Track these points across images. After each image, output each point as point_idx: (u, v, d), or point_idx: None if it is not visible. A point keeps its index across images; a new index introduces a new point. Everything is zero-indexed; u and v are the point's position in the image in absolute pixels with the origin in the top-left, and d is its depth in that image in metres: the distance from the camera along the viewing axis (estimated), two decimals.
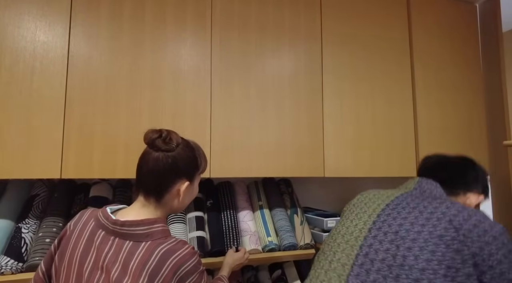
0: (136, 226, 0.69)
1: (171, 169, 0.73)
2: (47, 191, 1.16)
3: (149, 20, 1.12)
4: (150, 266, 0.64)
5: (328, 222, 1.26)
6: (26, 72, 0.97)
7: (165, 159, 0.73)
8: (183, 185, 0.75)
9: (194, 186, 0.81)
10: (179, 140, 0.75)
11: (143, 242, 0.68)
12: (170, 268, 0.65)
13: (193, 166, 0.78)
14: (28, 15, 0.98)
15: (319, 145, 1.29)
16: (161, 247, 0.67)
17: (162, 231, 0.71)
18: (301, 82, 1.30)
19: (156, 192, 0.74)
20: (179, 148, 0.75)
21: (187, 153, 0.76)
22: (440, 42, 1.59)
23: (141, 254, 0.66)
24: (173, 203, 0.76)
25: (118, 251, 0.67)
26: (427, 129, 1.49)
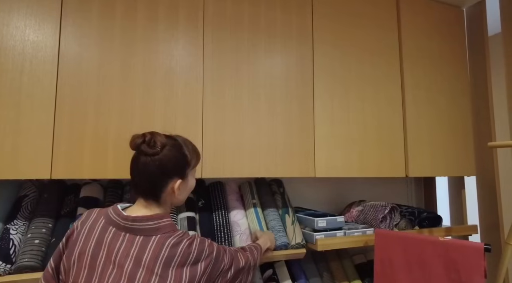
0: (146, 221, 0.73)
1: (160, 172, 0.76)
2: (36, 191, 1.15)
3: (141, 20, 1.12)
4: (163, 257, 0.70)
5: (318, 222, 1.28)
6: (15, 71, 0.96)
7: (153, 163, 0.75)
8: (176, 184, 0.79)
9: (189, 180, 0.84)
10: (164, 141, 0.77)
11: (153, 236, 0.72)
12: (182, 254, 0.71)
13: (182, 164, 0.80)
14: (17, 13, 0.97)
15: (310, 145, 1.30)
16: (170, 239, 0.72)
17: (170, 225, 0.76)
18: (293, 82, 1.31)
19: (152, 194, 0.78)
20: (165, 149, 0.77)
21: (174, 153, 0.78)
22: (429, 44, 1.62)
23: (153, 247, 0.71)
24: (172, 199, 0.82)
25: (129, 246, 0.70)
26: (415, 130, 1.52)
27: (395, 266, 1.16)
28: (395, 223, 1.46)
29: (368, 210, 1.47)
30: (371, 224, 1.42)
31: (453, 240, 1.07)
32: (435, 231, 1.49)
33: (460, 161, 1.61)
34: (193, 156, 0.84)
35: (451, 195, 1.82)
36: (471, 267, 1.01)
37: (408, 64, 1.55)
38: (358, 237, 1.34)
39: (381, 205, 1.46)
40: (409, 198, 1.92)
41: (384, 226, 1.42)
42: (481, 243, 1.03)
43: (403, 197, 1.90)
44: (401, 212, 1.55)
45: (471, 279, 1.00)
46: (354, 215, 1.52)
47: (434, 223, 1.54)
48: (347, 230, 1.33)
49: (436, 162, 1.55)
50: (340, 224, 1.33)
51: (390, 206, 1.44)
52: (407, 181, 1.93)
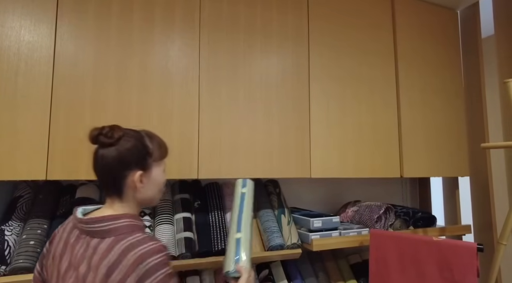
0: (99, 223, 0.69)
1: (117, 162, 0.72)
2: (31, 192, 1.15)
3: (137, 21, 1.12)
4: (109, 261, 0.64)
5: (314, 222, 1.29)
6: (10, 72, 0.95)
7: (110, 154, 0.72)
8: (136, 175, 0.74)
9: (153, 174, 0.78)
10: (120, 133, 0.73)
11: (107, 238, 0.68)
12: (132, 263, 0.63)
13: (142, 155, 0.75)
14: (12, 13, 0.97)
15: (306, 146, 1.31)
16: (122, 242, 0.66)
17: (127, 226, 0.70)
18: (289, 83, 1.32)
19: (113, 188, 0.74)
20: (123, 139, 0.73)
21: (133, 143, 0.74)
22: (424, 46, 1.64)
23: (103, 249, 0.66)
24: (136, 196, 0.76)
25: (86, 248, 0.68)
26: (410, 131, 1.54)
27: (389, 266, 1.17)
28: (390, 223, 1.47)
29: (363, 210, 1.48)
30: (366, 224, 1.44)
31: (446, 240, 1.09)
32: (429, 231, 1.50)
33: (454, 162, 1.63)
34: (156, 147, 0.79)
35: (445, 195, 1.84)
36: (464, 267, 1.02)
37: (403, 65, 1.57)
38: (353, 237, 1.35)
39: (376, 205, 1.47)
40: (404, 198, 1.94)
41: (379, 226, 1.44)
42: (474, 243, 1.05)
43: (398, 197, 1.92)
44: (396, 212, 1.56)
45: (464, 278, 1.02)
46: (349, 215, 1.53)
47: (428, 223, 1.56)
48: (342, 230, 1.34)
49: (430, 162, 1.57)
50: (335, 224, 1.34)
51: (385, 206, 1.45)
52: (402, 182, 1.95)
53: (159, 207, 1.23)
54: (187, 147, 1.13)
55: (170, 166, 1.09)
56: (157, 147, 0.79)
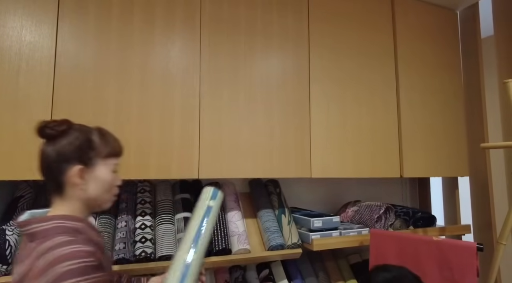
0: (27, 225, 0.65)
1: (56, 156, 0.68)
2: (32, 192, 1.15)
3: (138, 22, 1.12)
4: (24, 265, 0.61)
5: (314, 222, 1.29)
6: (11, 72, 0.96)
7: (50, 146, 0.68)
8: (74, 170, 0.68)
9: (98, 171, 0.72)
10: (64, 126, 0.70)
11: (34, 241, 0.63)
12: (41, 268, 0.58)
13: (83, 148, 0.70)
14: (14, 14, 0.97)
15: (306, 146, 1.31)
16: (41, 246, 0.61)
17: (54, 228, 0.64)
18: (289, 84, 1.32)
19: (54, 185, 0.70)
20: (67, 132, 0.70)
21: (76, 136, 0.70)
22: (423, 47, 1.65)
23: (26, 252, 0.63)
24: (78, 194, 0.70)
25: (22, 253, 0.65)
26: (410, 132, 1.54)
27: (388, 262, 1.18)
28: (390, 223, 1.47)
29: (363, 210, 1.49)
30: (367, 224, 1.44)
31: (446, 239, 1.09)
32: (429, 230, 1.51)
33: (454, 162, 1.64)
34: (104, 144, 0.74)
35: (445, 195, 1.85)
36: (464, 266, 1.03)
37: (403, 66, 1.57)
38: (353, 237, 1.35)
39: (376, 205, 1.47)
40: (403, 198, 1.94)
41: (379, 226, 1.44)
42: (473, 242, 1.05)
43: (398, 197, 1.92)
44: (396, 212, 1.56)
45: (464, 277, 1.02)
46: (349, 215, 1.53)
47: (428, 223, 1.56)
48: (342, 230, 1.35)
49: (430, 162, 1.57)
50: (335, 224, 1.34)
51: (385, 206, 1.46)
52: (402, 182, 1.95)
53: (160, 207, 1.23)
54: (188, 147, 1.13)
55: (171, 165, 1.10)
56: (105, 143, 0.74)
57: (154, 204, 1.25)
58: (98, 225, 1.12)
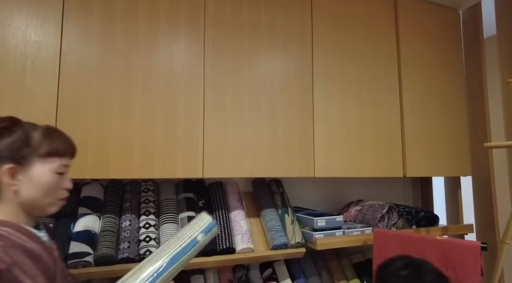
0: None
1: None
2: None
3: (142, 22, 1.12)
4: None
5: (318, 221, 1.29)
6: (17, 71, 0.96)
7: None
8: (4, 169, 0.64)
9: (35, 171, 0.66)
10: (5, 123, 0.66)
11: None
12: None
13: (18, 145, 0.65)
14: (19, 13, 0.97)
15: (309, 146, 1.31)
16: None
17: None
18: (292, 84, 1.32)
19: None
20: (5, 129, 0.65)
21: (11, 131, 0.65)
22: (426, 47, 1.65)
23: None
24: (11, 196, 0.65)
25: None
26: (413, 131, 1.54)
27: None
28: (393, 222, 1.48)
29: (366, 209, 1.49)
30: (370, 224, 1.44)
31: (450, 239, 1.09)
32: (432, 230, 1.51)
33: (456, 161, 1.64)
34: (46, 142, 0.68)
35: (447, 195, 1.85)
36: (468, 265, 1.03)
37: (406, 66, 1.57)
38: (357, 236, 1.35)
39: (379, 205, 1.47)
40: (406, 198, 1.95)
41: (382, 225, 1.44)
42: (478, 241, 1.05)
43: (400, 197, 1.92)
44: (398, 212, 1.56)
45: (467, 277, 1.02)
46: (352, 215, 1.54)
47: (431, 222, 1.56)
48: (346, 230, 1.35)
49: (433, 162, 1.57)
50: (339, 224, 1.34)
51: (388, 206, 1.46)
52: (404, 181, 1.95)
53: (164, 206, 1.23)
54: (192, 146, 1.13)
55: (175, 165, 1.10)
56: (47, 142, 0.68)
57: (158, 203, 1.26)
58: (102, 224, 1.13)
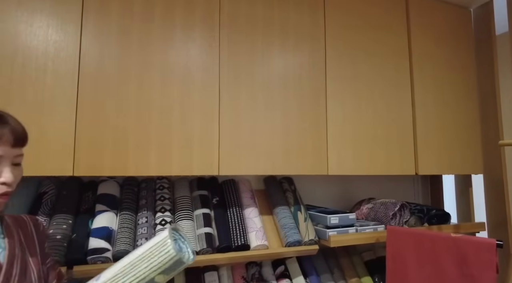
0: None
1: None
2: (55, 188, 1.17)
3: (159, 21, 1.14)
4: None
5: (331, 219, 1.30)
6: (38, 70, 0.98)
7: None
8: None
9: None
10: None
11: None
12: None
13: None
14: (40, 13, 0.99)
15: (323, 143, 1.32)
16: None
17: None
18: (306, 83, 1.33)
19: None
20: None
21: None
22: (437, 45, 1.65)
23: None
24: None
25: None
26: (425, 129, 1.55)
27: (407, 262, 1.19)
28: (405, 220, 1.48)
29: (378, 207, 1.50)
30: (382, 221, 1.45)
31: (465, 236, 1.10)
32: (444, 228, 1.51)
33: (468, 159, 1.64)
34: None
35: (458, 193, 1.85)
36: (483, 263, 1.03)
37: (417, 65, 1.57)
38: (369, 233, 1.36)
39: (391, 202, 1.48)
40: (415, 196, 1.95)
41: (394, 223, 1.45)
42: (493, 239, 1.06)
43: (410, 195, 1.93)
44: (410, 210, 1.57)
45: (483, 274, 1.03)
46: (364, 212, 1.54)
47: (442, 220, 1.56)
48: (358, 227, 1.36)
49: (445, 160, 1.57)
50: (352, 221, 1.35)
51: (400, 204, 1.46)
52: (414, 179, 1.95)
53: (179, 203, 1.25)
54: (208, 143, 1.15)
55: (192, 162, 1.11)
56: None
57: (173, 201, 1.27)
58: (119, 221, 1.14)
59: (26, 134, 0.67)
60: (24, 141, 0.67)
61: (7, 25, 0.95)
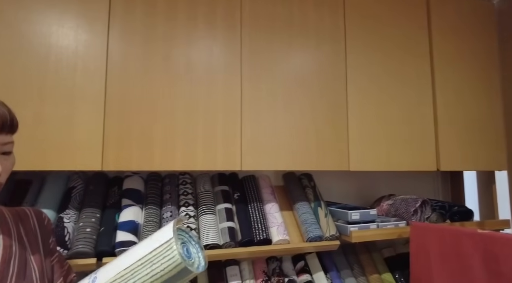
0: None
1: None
2: (82, 183, 1.21)
3: (182, 20, 1.16)
4: None
5: (352, 215, 1.30)
6: (69, 69, 1.01)
7: None
8: None
9: None
10: None
11: None
12: None
13: None
14: (70, 13, 1.03)
15: (344, 139, 1.32)
16: None
17: None
18: (326, 79, 1.33)
19: None
20: None
21: None
22: (459, 40, 1.61)
23: None
24: None
25: None
26: (447, 125, 1.52)
27: (431, 259, 1.17)
28: (426, 216, 1.46)
29: (399, 203, 1.48)
30: (403, 217, 1.44)
31: (492, 232, 1.08)
32: (467, 224, 1.49)
33: (492, 155, 1.60)
34: None
35: (481, 190, 1.81)
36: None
37: (439, 60, 1.55)
38: (390, 229, 1.35)
39: (412, 199, 1.47)
40: (435, 192, 1.92)
41: (415, 219, 1.43)
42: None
43: (430, 191, 1.90)
44: (431, 206, 1.55)
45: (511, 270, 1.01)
46: (384, 209, 1.53)
47: (465, 217, 1.54)
48: (380, 223, 1.35)
49: (467, 156, 1.55)
50: (373, 217, 1.35)
51: (422, 200, 1.45)
52: (433, 175, 1.92)
53: (201, 198, 1.27)
54: (230, 139, 1.16)
55: (216, 157, 1.13)
56: None
57: (195, 195, 1.30)
58: (144, 215, 1.18)
59: (14, 118, 0.60)
60: (12, 127, 0.60)
61: (41, 26, 0.99)
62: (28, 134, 0.96)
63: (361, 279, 1.43)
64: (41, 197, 1.12)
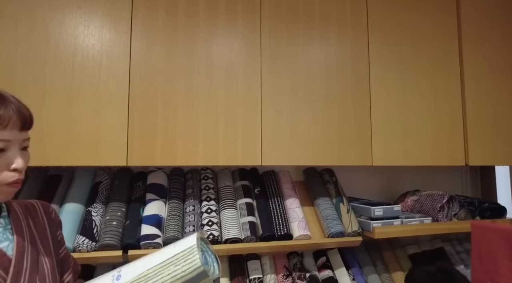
0: None
1: None
2: (108, 178, 1.26)
3: (203, 16, 1.17)
4: None
5: (375, 210, 1.27)
6: (94, 67, 1.05)
7: None
8: None
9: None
10: None
11: None
12: None
13: None
14: (95, 14, 1.06)
15: (366, 133, 1.29)
16: None
17: None
18: (348, 70, 1.30)
19: None
20: None
21: None
22: (490, 27, 1.53)
23: None
24: None
25: None
26: (476, 117, 1.45)
27: (498, 262, 1.08)
28: (453, 212, 1.41)
29: (424, 199, 1.44)
30: (428, 214, 1.39)
31: None
32: (499, 222, 1.42)
33: None
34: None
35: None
36: None
37: (468, 48, 1.48)
38: (415, 225, 1.31)
39: (438, 194, 1.41)
40: (463, 188, 1.84)
41: (441, 215, 1.39)
42: None
43: (457, 187, 1.82)
44: (459, 202, 1.49)
45: None
46: (409, 205, 1.49)
47: (496, 214, 1.47)
48: (404, 219, 1.32)
49: (498, 150, 1.47)
50: (396, 213, 1.31)
51: (449, 196, 1.40)
52: (461, 171, 1.85)
53: (223, 193, 1.29)
54: (251, 134, 1.16)
55: (236, 153, 1.14)
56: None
57: (217, 190, 1.31)
58: (168, 209, 1.20)
59: (32, 116, 0.63)
60: (31, 124, 0.63)
61: (68, 27, 1.03)
62: (59, 132, 1.01)
63: (384, 276, 1.40)
64: (70, 191, 1.18)
